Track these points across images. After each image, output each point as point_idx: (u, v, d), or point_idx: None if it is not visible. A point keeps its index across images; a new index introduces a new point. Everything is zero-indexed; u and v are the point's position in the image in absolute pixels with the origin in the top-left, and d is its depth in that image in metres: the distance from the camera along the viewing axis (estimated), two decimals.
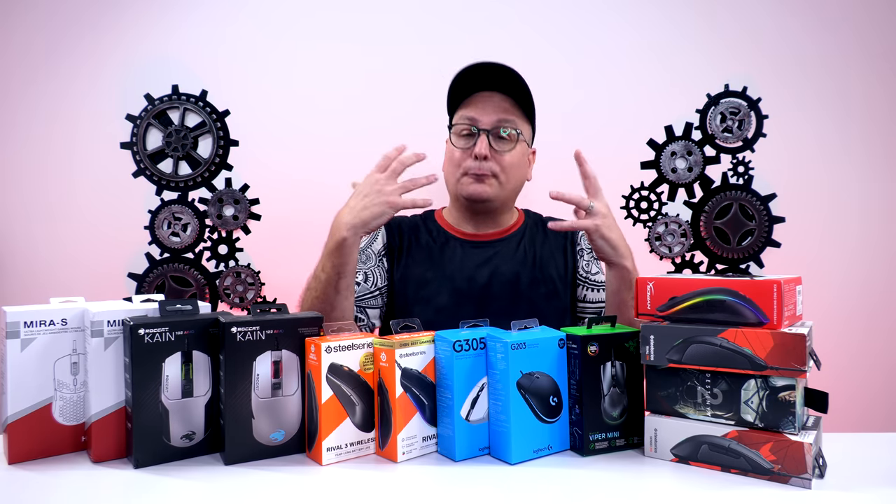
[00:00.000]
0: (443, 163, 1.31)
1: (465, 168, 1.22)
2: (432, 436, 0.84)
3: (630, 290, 1.04)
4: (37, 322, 0.80)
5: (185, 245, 1.72)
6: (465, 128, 1.22)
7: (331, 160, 1.73)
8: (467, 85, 1.23)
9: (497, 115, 1.20)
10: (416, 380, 0.82)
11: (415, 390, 0.82)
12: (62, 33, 1.70)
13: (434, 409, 0.84)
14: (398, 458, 0.80)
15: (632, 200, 1.76)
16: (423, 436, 0.83)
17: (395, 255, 1.28)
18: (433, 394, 0.84)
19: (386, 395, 0.81)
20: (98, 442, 0.80)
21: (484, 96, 1.22)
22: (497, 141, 1.21)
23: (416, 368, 0.82)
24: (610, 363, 0.84)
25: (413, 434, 0.82)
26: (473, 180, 1.22)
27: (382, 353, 0.82)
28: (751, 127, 1.75)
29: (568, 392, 0.85)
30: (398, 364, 0.80)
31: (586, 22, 1.75)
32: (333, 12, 1.73)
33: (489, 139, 1.20)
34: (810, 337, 0.76)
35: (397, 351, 0.80)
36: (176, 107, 1.71)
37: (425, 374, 0.83)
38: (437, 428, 0.84)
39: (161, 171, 1.71)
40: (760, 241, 1.76)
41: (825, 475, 0.74)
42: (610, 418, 0.84)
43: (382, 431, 0.82)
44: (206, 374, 0.82)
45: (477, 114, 1.21)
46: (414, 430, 0.82)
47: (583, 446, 0.83)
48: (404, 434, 0.81)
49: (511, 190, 1.26)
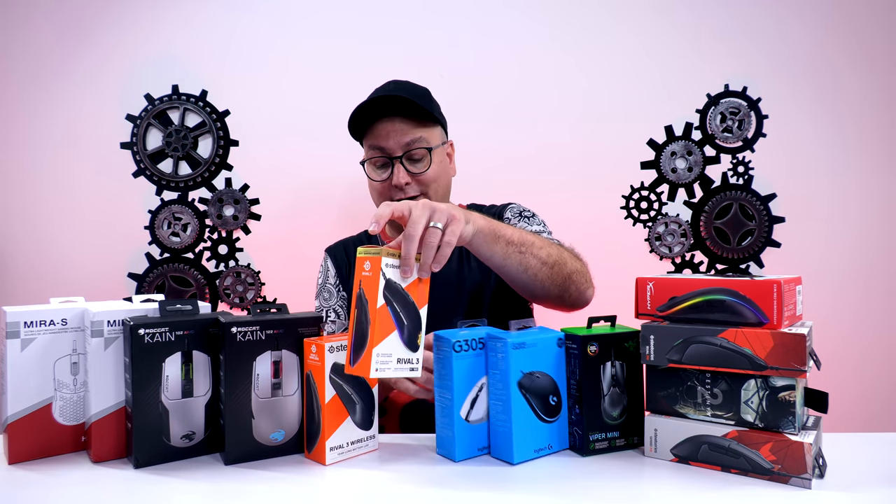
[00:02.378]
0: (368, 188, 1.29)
1: (390, 198, 1.21)
2: (407, 360, 0.77)
3: (501, 240, 0.94)
4: (37, 322, 0.80)
5: (185, 245, 1.71)
6: (378, 159, 1.21)
7: (331, 160, 1.73)
8: (365, 117, 1.21)
9: (403, 139, 1.19)
10: (398, 294, 0.76)
11: (396, 305, 0.75)
12: (63, 34, 1.70)
13: (413, 332, 0.77)
14: (371, 372, 0.73)
15: (632, 200, 1.76)
16: (398, 357, 0.75)
17: (349, 280, 1.30)
18: (415, 316, 0.77)
19: (365, 306, 0.74)
20: (98, 442, 0.80)
21: (384, 124, 1.20)
22: (411, 164, 1.20)
23: (401, 284, 0.76)
24: (610, 363, 0.84)
25: (388, 352, 0.74)
26: None
27: (367, 262, 0.75)
28: (751, 127, 1.75)
29: (568, 392, 0.85)
30: (383, 273, 0.74)
31: (586, 22, 1.75)
32: (334, 12, 1.73)
33: (404, 165, 1.19)
34: (810, 337, 0.76)
35: (384, 259, 0.74)
36: (176, 107, 1.71)
37: (408, 293, 0.77)
38: (414, 353, 0.77)
39: (161, 171, 1.71)
40: (760, 241, 1.76)
41: (825, 475, 0.74)
42: (610, 418, 0.84)
43: (356, 345, 0.74)
44: (206, 374, 0.82)
45: (383, 143, 1.20)
46: (389, 349, 0.74)
47: (583, 446, 0.83)
48: (380, 349, 0.73)
49: (441, 197, 1.26)
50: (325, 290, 1.31)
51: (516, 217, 1.28)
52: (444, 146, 1.27)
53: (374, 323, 0.73)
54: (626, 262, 1.74)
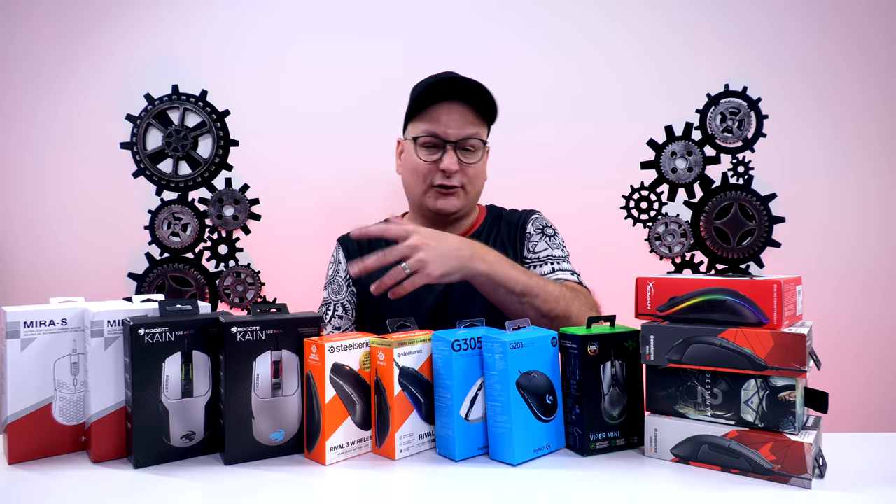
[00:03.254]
0: (398, 166, 1.29)
1: (431, 181, 1.21)
2: (428, 433, 0.84)
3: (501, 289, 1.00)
4: (37, 322, 0.80)
5: (185, 245, 1.72)
6: (430, 139, 1.20)
7: (331, 160, 1.73)
8: (431, 95, 1.20)
9: (464, 128, 1.19)
10: (413, 378, 0.82)
11: (412, 389, 0.82)
12: (63, 34, 1.70)
13: (430, 407, 0.84)
14: (396, 455, 0.80)
15: (632, 200, 1.76)
16: (419, 433, 0.83)
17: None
18: (429, 392, 0.84)
19: (383, 393, 0.81)
20: (98, 442, 0.80)
21: (449, 107, 1.19)
22: (464, 153, 1.20)
23: (413, 367, 0.82)
24: (609, 363, 0.84)
25: (410, 432, 0.82)
26: (440, 195, 1.21)
27: (380, 353, 0.82)
28: (751, 127, 1.75)
29: (567, 392, 0.85)
30: (396, 363, 0.80)
31: (586, 22, 1.75)
32: (334, 12, 1.73)
33: (456, 153, 1.19)
34: (810, 337, 0.76)
35: (395, 350, 0.80)
36: (176, 107, 1.71)
37: (422, 373, 0.83)
38: (432, 426, 0.84)
39: (161, 171, 1.71)
40: (760, 241, 1.76)
41: (825, 475, 0.74)
42: (610, 418, 0.84)
43: (379, 429, 0.83)
44: (206, 374, 0.82)
45: (443, 126, 1.18)
46: (411, 429, 0.82)
47: (584, 446, 0.82)
48: (402, 432, 0.81)
49: (476, 196, 1.27)
50: (334, 282, 1.30)
51: (538, 233, 1.27)
52: (487, 147, 1.28)
53: (394, 408, 0.80)
54: (626, 262, 1.74)
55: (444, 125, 1.19)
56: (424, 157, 1.21)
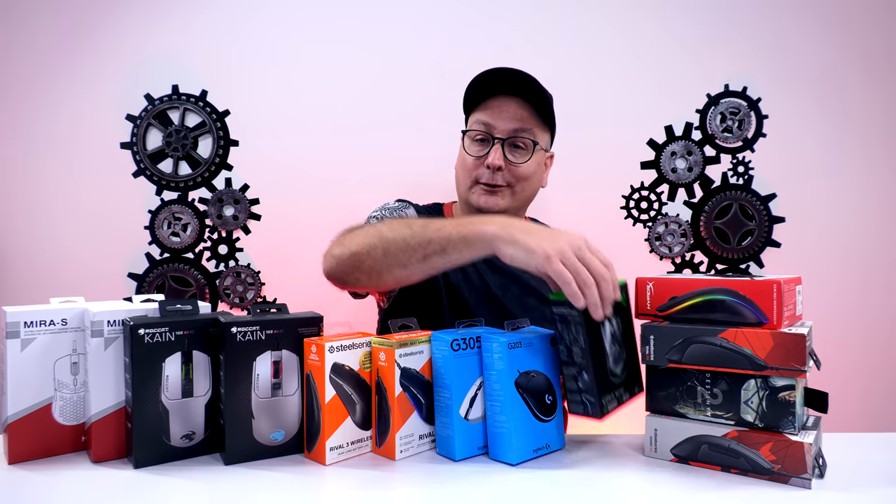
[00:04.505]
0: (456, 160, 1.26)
1: (476, 176, 1.16)
2: (428, 434, 0.84)
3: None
4: (37, 322, 0.80)
5: (185, 245, 1.72)
6: (479, 133, 1.16)
7: (331, 160, 1.73)
8: (485, 88, 1.16)
9: (514, 123, 1.14)
10: (414, 379, 0.82)
11: (413, 389, 0.82)
12: (63, 34, 1.70)
13: (431, 408, 0.84)
14: (396, 455, 0.81)
15: (632, 200, 1.76)
16: (419, 434, 0.83)
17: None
18: (430, 393, 0.84)
19: (384, 394, 0.81)
20: (98, 442, 0.80)
21: (501, 102, 1.15)
22: (512, 150, 1.15)
23: (415, 368, 0.82)
24: (608, 321, 0.82)
25: (410, 433, 0.82)
26: (485, 192, 1.16)
27: (381, 353, 0.82)
28: (751, 127, 1.75)
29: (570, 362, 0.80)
30: (398, 364, 0.80)
31: (586, 22, 1.75)
32: (333, 11, 1.73)
33: (503, 148, 1.14)
34: (810, 337, 0.76)
35: (397, 351, 0.80)
36: (176, 107, 1.71)
37: (423, 374, 0.83)
38: (433, 427, 0.84)
39: (161, 171, 1.71)
40: (760, 241, 1.76)
41: (825, 475, 0.74)
42: (614, 376, 0.82)
43: (380, 430, 0.83)
44: (206, 374, 0.82)
45: (492, 120, 1.14)
46: (411, 429, 0.82)
47: (600, 411, 0.78)
48: (402, 432, 0.81)
49: (524, 200, 1.21)
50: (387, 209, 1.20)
51: None
52: (546, 152, 1.22)
53: (394, 409, 0.81)
54: (626, 262, 1.73)
55: (493, 118, 1.14)
56: (472, 151, 1.16)
